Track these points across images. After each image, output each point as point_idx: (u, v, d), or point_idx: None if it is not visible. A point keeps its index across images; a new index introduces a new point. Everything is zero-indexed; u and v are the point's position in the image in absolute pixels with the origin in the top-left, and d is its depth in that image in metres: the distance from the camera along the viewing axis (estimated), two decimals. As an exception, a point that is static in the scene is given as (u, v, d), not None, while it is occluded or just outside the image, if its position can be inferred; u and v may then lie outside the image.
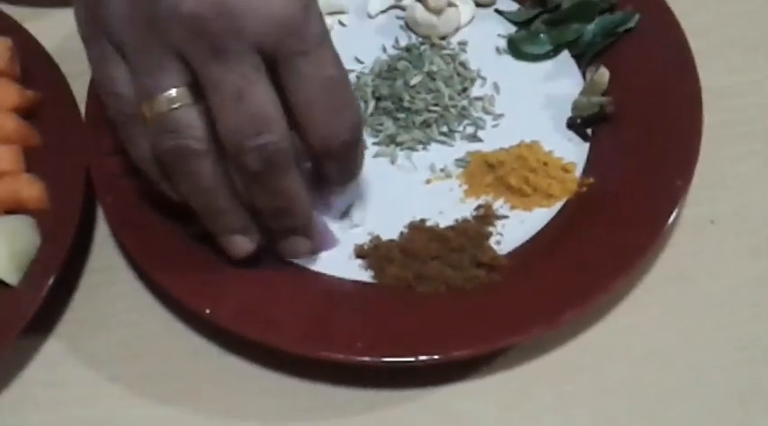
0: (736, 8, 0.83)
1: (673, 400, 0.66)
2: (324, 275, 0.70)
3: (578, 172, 0.74)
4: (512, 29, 0.82)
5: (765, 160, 0.76)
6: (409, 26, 0.82)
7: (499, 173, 0.73)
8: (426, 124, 0.76)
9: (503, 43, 0.81)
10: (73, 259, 0.70)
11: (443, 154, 0.75)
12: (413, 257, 0.69)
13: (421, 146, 0.76)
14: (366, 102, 0.77)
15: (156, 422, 0.66)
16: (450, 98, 0.77)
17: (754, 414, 0.65)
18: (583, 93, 0.77)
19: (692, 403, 0.66)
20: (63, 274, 0.68)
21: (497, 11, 0.83)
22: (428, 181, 0.74)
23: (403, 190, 0.74)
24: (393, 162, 0.75)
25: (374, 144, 0.76)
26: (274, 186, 0.62)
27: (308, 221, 0.67)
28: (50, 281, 0.66)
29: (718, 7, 0.83)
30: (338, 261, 0.70)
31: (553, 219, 0.72)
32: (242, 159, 0.60)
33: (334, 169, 0.66)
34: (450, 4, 0.81)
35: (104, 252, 0.73)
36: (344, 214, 0.72)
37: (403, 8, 0.83)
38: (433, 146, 0.76)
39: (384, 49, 0.81)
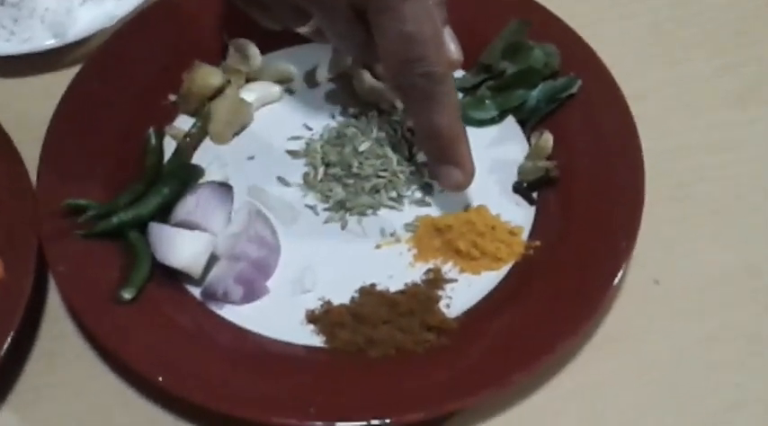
0: (674, 73, 0.85)
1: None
2: (276, 340, 0.70)
3: (525, 235, 0.75)
4: (458, 95, 0.83)
5: (705, 220, 0.77)
6: (357, 93, 0.83)
7: (448, 237, 0.74)
8: (375, 189, 0.77)
9: (449, 109, 0.82)
10: (25, 328, 0.69)
11: (393, 218, 0.76)
12: (364, 322, 0.70)
13: (370, 211, 0.76)
14: (316, 168, 0.78)
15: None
16: (399, 163, 0.78)
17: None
18: (528, 157, 0.78)
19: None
20: (15, 344, 0.67)
21: (444, 77, 0.84)
22: (378, 246, 0.75)
23: (353, 255, 0.74)
24: (343, 227, 0.76)
25: (324, 209, 0.77)
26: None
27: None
28: (2, 352, 0.66)
29: (657, 73, 0.85)
30: (290, 326, 0.71)
31: (501, 282, 0.73)
32: None
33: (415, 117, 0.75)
34: (398, 71, 0.82)
35: (56, 321, 0.73)
36: None
37: (351, 76, 0.84)
38: (383, 210, 0.77)
39: (333, 116, 0.82)
